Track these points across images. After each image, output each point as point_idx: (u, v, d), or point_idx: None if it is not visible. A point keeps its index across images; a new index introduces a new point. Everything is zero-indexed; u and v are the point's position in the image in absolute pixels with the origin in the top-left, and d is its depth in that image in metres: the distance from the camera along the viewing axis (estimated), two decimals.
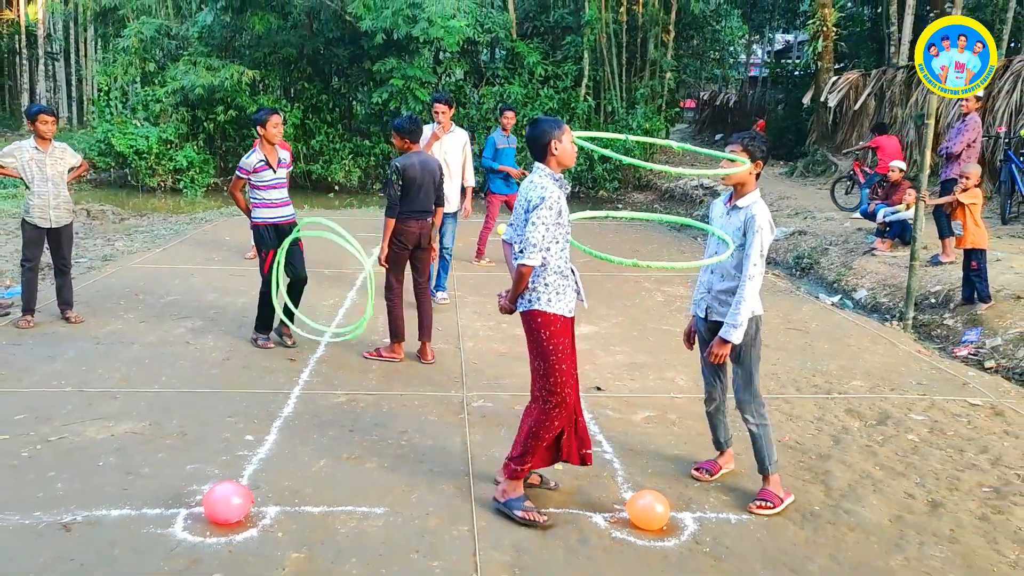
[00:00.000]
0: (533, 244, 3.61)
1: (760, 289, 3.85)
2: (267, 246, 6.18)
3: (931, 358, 6.51)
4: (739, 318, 3.73)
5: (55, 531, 3.51)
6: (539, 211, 3.61)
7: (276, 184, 6.16)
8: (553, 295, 3.77)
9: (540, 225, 3.61)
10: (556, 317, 3.76)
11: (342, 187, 19.67)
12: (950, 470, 4.38)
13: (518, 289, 3.72)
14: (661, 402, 5.37)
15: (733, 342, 3.76)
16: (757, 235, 3.72)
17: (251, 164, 6.06)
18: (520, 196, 3.78)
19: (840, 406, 5.33)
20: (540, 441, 3.77)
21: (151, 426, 4.69)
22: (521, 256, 3.65)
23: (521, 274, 3.66)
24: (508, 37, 19.78)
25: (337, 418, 4.91)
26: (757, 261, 3.73)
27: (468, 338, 6.74)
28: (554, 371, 3.74)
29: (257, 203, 6.15)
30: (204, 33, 19.62)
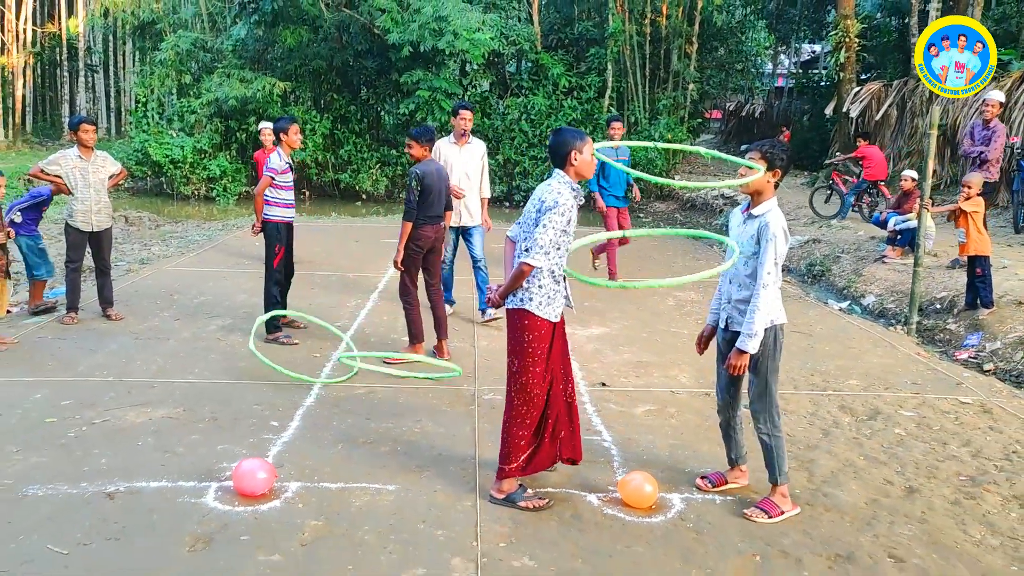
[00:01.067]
0: (540, 245, 3.73)
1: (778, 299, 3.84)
2: (281, 242, 6.68)
3: (929, 360, 6.72)
4: (754, 327, 3.72)
5: (100, 499, 3.90)
6: (551, 214, 3.73)
7: (289, 186, 6.74)
8: (544, 299, 3.86)
9: (549, 228, 3.73)
10: (543, 322, 3.87)
11: (369, 196, 20.16)
12: (931, 460, 4.63)
13: (513, 286, 3.84)
14: (662, 397, 5.66)
15: (749, 352, 3.75)
16: (770, 243, 3.70)
17: (281, 166, 6.58)
18: (534, 197, 3.90)
19: (834, 402, 5.59)
20: (515, 439, 3.92)
21: (185, 412, 5.08)
22: (526, 255, 3.77)
23: (521, 271, 3.78)
24: (533, 49, 20.21)
25: (355, 408, 5.27)
26: (771, 270, 3.71)
27: (483, 337, 7.07)
28: (526, 371, 3.88)
29: (274, 202, 6.61)
30: (238, 46, 20.29)
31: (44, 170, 6.99)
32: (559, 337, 4.05)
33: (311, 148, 19.76)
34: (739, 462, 4.25)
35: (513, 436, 3.95)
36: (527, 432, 3.97)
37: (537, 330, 3.86)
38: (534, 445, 4.04)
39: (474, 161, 7.44)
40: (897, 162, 17.38)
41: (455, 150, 7.36)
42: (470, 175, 7.38)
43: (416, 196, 6.11)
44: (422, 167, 6.17)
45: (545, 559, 3.51)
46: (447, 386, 5.78)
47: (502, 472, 4.00)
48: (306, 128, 19.79)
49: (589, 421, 5.16)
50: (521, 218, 3.98)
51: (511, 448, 3.96)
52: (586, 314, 7.94)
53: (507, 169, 19.50)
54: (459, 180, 7.25)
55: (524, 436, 3.96)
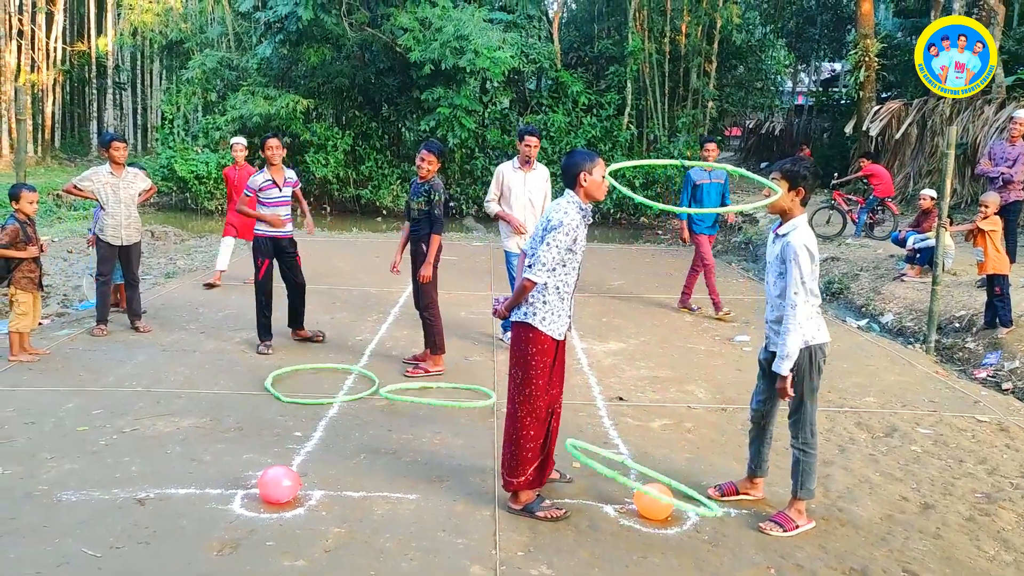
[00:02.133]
0: (543, 263, 3.83)
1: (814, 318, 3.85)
2: (263, 255, 6.89)
3: (947, 379, 6.73)
4: (786, 349, 3.73)
5: (131, 504, 4.02)
6: (555, 233, 3.82)
7: (280, 202, 6.88)
8: (549, 315, 3.93)
9: (553, 247, 3.82)
10: (546, 337, 3.94)
11: (389, 211, 20.37)
12: (947, 478, 4.65)
13: (517, 300, 3.94)
14: (678, 412, 5.72)
15: (782, 373, 3.76)
16: (793, 263, 3.71)
17: (257, 183, 6.85)
18: (543, 215, 4.01)
19: (850, 419, 5.62)
20: (522, 451, 3.98)
21: (211, 421, 5.21)
22: (528, 271, 3.88)
23: (523, 287, 3.88)
24: (553, 67, 20.41)
25: (377, 419, 5.38)
26: (798, 289, 3.71)
27: (502, 350, 7.17)
28: (530, 383, 3.96)
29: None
30: (263, 65, 20.64)
31: (77, 186, 7.20)
32: (560, 355, 4.11)
33: (332, 164, 20.03)
34: (757, 473, 4.28)
35: (522, 448, 3.99)
36: (535, 444, 4.02)
37: (540, 344, 3.94)
38: (541, 458, 4.08)
39: (538, 187, 7.15)
40: (917, 181, 17.36)
41: (519, 176, 7.10)
42: (534, 202, 7.11)
43: (444, 210, 6.25)
44: (439, 182, 6.32)
45: (562, 568, 3.58)
46: (466, 399, 5.87)
47: (510, 484, 4.05)
48: (327, 144, 20.09)
49: (606, 434, 5.24)
50: (533, 232, 4.08)
51: (520, 460, 4.00)
52: (604, 329, 8.01)
53: None
54: (523, 207, 7.06)
55: (532, 449, 4.01)
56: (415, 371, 6.42)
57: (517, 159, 7.14)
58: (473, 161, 20.32)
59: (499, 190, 7.10)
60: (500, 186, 7.09)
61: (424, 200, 6.23)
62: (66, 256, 11.57)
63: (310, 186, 20.70)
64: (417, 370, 6.43)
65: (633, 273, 11.51)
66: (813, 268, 3.75)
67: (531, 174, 7.12)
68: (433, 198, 6.20)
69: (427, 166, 6.22)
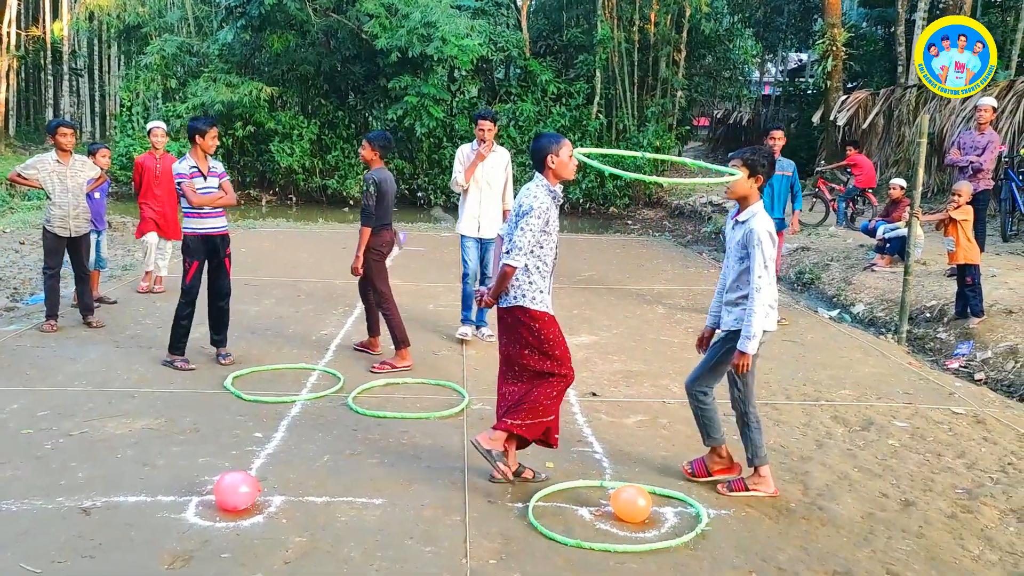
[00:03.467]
0: (519, 247, 3.95)
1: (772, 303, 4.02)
2: (194, 257, 6.02)
3: (921, 370, 6.68)
4: (752, 330, 3.91)
5: (76, 515, 3.77)
6: (528, 218, 3.96)
7: (205, 193, 6.02)
8: (537, 293, 4.06)
9: (528, 231, 3.95)
10: (543, 312, 4.08)
11: (356, 202, 20.03)
12: (926, 473, 4.56)
13: (501, 287, 4.04)
14: (653, 407, 5.58)
15: (748, 352, 3.95)
16: (757, 248, 3.89)
17: (184, 170, 5.94)
18: (516, 201, 4.12)
19: (827, 413, 5.52)
20: (543, 411, 4.06)
21: (166, 423, 4.96)
22: (507, 256, 3.99)
23: (504, 273, 3.99)
24: (521, 55, 20.17)
25: (341, 419, 5.16)
26: (761, 273, 3.90)
27: (471, 345, 6.98)
28: (554, 353, 4.08)
29: (187, 213, 6.02)
30: (224, 51, 20.13)
31: (21, 174, 6.85)
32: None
33: (298, 154, 19.63)
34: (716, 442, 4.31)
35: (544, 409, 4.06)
36: (552, 403, 4.11)
37: (541, 319, 4.07)
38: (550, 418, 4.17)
39: (497, 170, 7.07)
40: (884, 170, 17.42)
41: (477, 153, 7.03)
42: (492, 184, 7.04)
43: (374, 202, 6.13)
44: (377, 174, 6.23)
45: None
46: (434, 396, 5.68)
47: (503, 424, 4.07)
48: (293, 133, 19.68)
49: (580, 432, 5.08)
50: (509, 218, 4.18)
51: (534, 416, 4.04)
52: (575, 322, 7.85)
53: None
54: (480, 190, 7.02)
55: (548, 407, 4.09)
56: (381, 367, 6.21)
57: (476, 141, 7.11)
58: (441, 151, 20.02)
59: (462, 167, 7.09)
60: (463, 164, 7.09)
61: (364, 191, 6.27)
62: (17, 248, 11.14)
63: (275, 176, 20.29)
64: (383, 366, 6.22)
65: (604, 263, 11.38)
66: (773, 252, 3.96)
67: (490, 156, 7.05)
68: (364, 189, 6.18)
69: (361, 153, 6.29)
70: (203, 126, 6.00)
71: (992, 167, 9.30)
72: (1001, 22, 20.77)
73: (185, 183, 5.95)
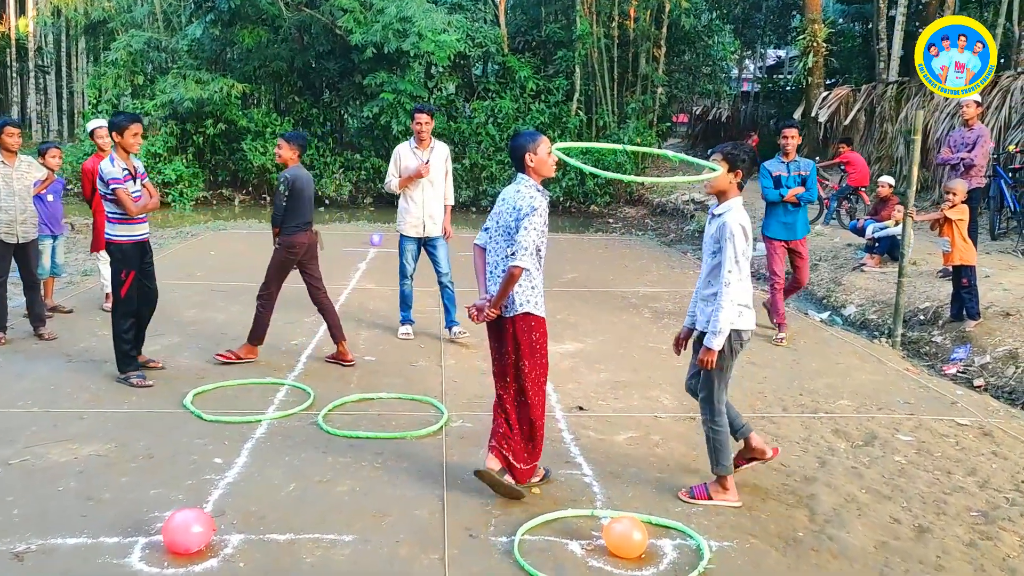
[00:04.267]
0: (525, 248, 3.85)
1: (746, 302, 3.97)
2: (129, 266, 5.55)
3: (919, 376, 6.41)
4: (718, 325, 3.85)
5: (6, 561, 3.36)
6: (532, 218, 3.87)
7: (136, 197, 5.53)
8: (539, 298, 4.02)
9: (533, 231, 3.87)
10: (543, 319, 4.05)
11: (332, 201, 19.58)
12: (937, 493, 4.27)
13: (507, 292, 3.89)
14: (644, 422, 5.25)
15: (714, 348, 3.87)
16: (728, 242, 3.84)
17: (118, 174, 5.38)
18: (506, 204, 4.00)
19: (827, 426, 5.22)
20: (539, 431, 4.09)
21: (117, 448, 4.55)
22: (514, 259, 3.86)
23: (512, 276, 3.85)
24: (500, 51, 19.79)
25: (311, 439, 4.78)
26: (732, 268, 3.84)
27: (450, 355, 6.61)
28: (545, 367, 4.08)
29: (115, 218, 5.51)
30: (194, 46, 19.59)
31: None
32: None
33: (271, 152, 19.11)
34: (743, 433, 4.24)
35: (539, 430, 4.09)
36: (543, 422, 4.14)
37: (542, 328, 4.04)
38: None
39: (437, 166, 6.92)
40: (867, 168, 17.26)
41: (417, 156, 6.88)
42: (433, 181, 6.89)
43: (284, 201, 5.98)
44: (292, 172, 6.04)
45: None
46: (411, 413, 5.31)
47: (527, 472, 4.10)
48: (266, 132, 19.17)
49: (567, 451, 4.74)
50: (488, 223, 4.11)
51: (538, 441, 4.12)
52: (560, 328, 7.51)
53: (474, 173, 19.04)
54: (423, 189, 6.85)
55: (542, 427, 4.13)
56: (225, 355, 6.16)
57: (413, 138, 6.93)
58: None
59: (397, 171, 6.90)
60: (398, 167, 6.89)
61: None
62: None
63: (248, 175, 19.77)
64: (229, 355, 6.14)
65: (587, 264, 11.05)
66: (747, 248, 3.89)
67: (428, 153, 6.89)
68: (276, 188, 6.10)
69: (278, 152, 6.10)
70: (123, 122, 5.46)
71: (984, 163, 9.09)
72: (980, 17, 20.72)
73: (121, 188, 5.44)
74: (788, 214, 7.15)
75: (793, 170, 7.14)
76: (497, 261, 3.99)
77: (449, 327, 7.09)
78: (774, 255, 7.31)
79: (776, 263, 7.28)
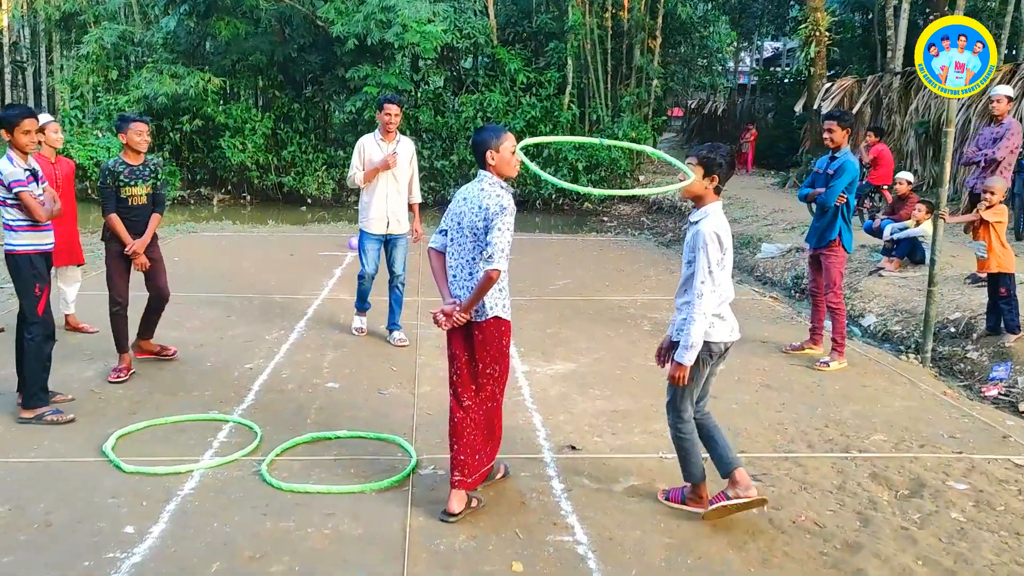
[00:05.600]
0: (501, 249, 3.68)
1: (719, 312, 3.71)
2: (43, 280, 4.84)
3: (959, 402, 5.64)
4: (690, 339, 3.64)
5: None
6: (503, 218, 3.69)
7: (42, 201, 4.85)
8: (507, 301, 3.90)
9: (506, 231, 3.70)
10: (510, 323, 3.93)
11: (315, 200, 18.77)
12: (1010, 566, 3.49)
13: (481, 295, 3.71)
14: (648, 465, 4.47)
15: (684, 363, 3.68)
16: (702, 251, 3.64)
17: (21, 175, 4.69)
18: (469, 203, 3.79)
19: (863, 469, 4.44)
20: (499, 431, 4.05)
21: (10, 512, 3.74)
22: (490, 262, 3.68)
23: (490, 278, 3.68)
24: (489, 43, 18.97)
25: (249, 495, 3.99)
26: (705, 278, 3.63)
27: (425, 381, 5.81)
28: (506, 372, 3.99)
29: (18, 226, 4.75)
30: (169, 39, 18.76)
31: None
32: None
33: (251, 149, 18.31)
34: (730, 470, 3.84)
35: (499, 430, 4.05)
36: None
37: (509, 332, 3.94)
38: None
39: (402, 162, 6.56)
40: None
41: (381, 149, 6.53)
42: (399, 178, 6.56)
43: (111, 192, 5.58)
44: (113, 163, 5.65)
45: None
46: (375, 455, 4.52)
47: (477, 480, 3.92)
48: (245, 128, 18.34)
49: (558, 508, 3.95)
50: (444, 225, 3.92)
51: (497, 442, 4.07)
52: (550, 344, 6.73)
53: (462, 171, 18.22)
54: (386, 182, 6.53)
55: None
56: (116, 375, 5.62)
57: (379, 130, 6.56)
58: None
59: (361, 163, 6.55)
60: (362, 159, 6.55)
61: (152, 183, 5.75)
62: None
63: (227, 173, 18.93)
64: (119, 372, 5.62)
65: (580, 269, 10.26)
66: (723, 258, 3.67)
67: (393, 146, 6.55)
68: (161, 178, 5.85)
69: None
70: (13, 117, 4.70)
71: (1011, 159, 8.35)
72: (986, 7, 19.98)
73: (26, 192, 4.69)
74: (819, 218, 6.41)
75: (831, 170, 6.32)
76: (462, 264, 3.81)
77: (391, 330, 6.78)
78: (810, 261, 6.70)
79: (810, 270, 6.72)
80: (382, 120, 6.44)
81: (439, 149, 18.83)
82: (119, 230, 5.59)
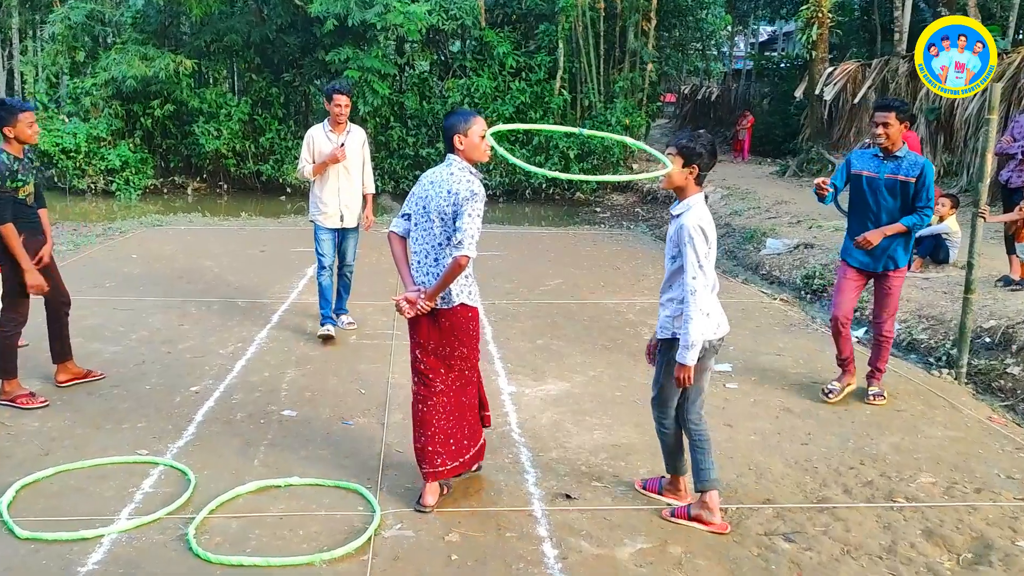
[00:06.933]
0: (471, 236, 3.60)
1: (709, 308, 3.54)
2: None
3: (1009, 430, 4.92)
4: (690, 338, 3.52)
5: None
6: (473, 204, 3.61)
7: None
8: (474, 287, 3.83)
9: (476, 217, 3.63)
10: (477, 310, 3.85)
11: (295, 189, 17.91)
12: None
13: (449, 281, 3.61)
14: (656, 522, 3.73)
15: (687, 364, 3.55)
16: (688, 246, 3.51)
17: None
18: (437, 187, 3.66)
19: (914, 525, 3.72)
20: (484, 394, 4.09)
21: None
22: (459, 248, 3.58)
23: (459, 265, 3.58)
24: (476, 25, 18.10)
25: (171, 567, 3.23)
26: (696, 274, 3.51)
27: (397, 405, 5.05)
28: (477, 354, 3.90)
29: None
30: (138, 18, 17.82)
31: None
32: None
33: (226, 136, 17.43)
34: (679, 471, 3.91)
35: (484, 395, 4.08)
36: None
37: (477, 318, 3.85)
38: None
39: (354, 151, 6.33)
40: None
41: (331, 140, 6.26)
42: (350, 169, 6.32)
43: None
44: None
45: None
46: (331, 509, 3.77)
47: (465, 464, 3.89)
48: (220, 113, 17.46)
49: None
50: (407, 209, 3.77)
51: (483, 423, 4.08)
52: (540, 359, 5.98)
53: None
54: (337, 174, 6.27)
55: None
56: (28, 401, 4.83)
57: (328, 121, 6.27)
58: (388, 131, 17.98)
59: (311, 156, 6.27)
60: (311, 151, 6.26)
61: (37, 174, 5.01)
62: None
63: (201, 161, 18.05)
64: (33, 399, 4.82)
65: (572, 267, 9.50)
66: (709, 251, 3.55)
67: (343, 137, 6.28)
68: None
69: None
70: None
71: None
72: None
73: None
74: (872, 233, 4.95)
75: (889, 172, 4.89)
76: (427, 250, 3.70)
77: (338, 314, 6.67)
78: (842, 282, 5.22)
79: (841, 293, 5.19)
80: (332, 111, 6.14)
81: (424, 136, 18.01)
82: (19, 254, 4.65)
